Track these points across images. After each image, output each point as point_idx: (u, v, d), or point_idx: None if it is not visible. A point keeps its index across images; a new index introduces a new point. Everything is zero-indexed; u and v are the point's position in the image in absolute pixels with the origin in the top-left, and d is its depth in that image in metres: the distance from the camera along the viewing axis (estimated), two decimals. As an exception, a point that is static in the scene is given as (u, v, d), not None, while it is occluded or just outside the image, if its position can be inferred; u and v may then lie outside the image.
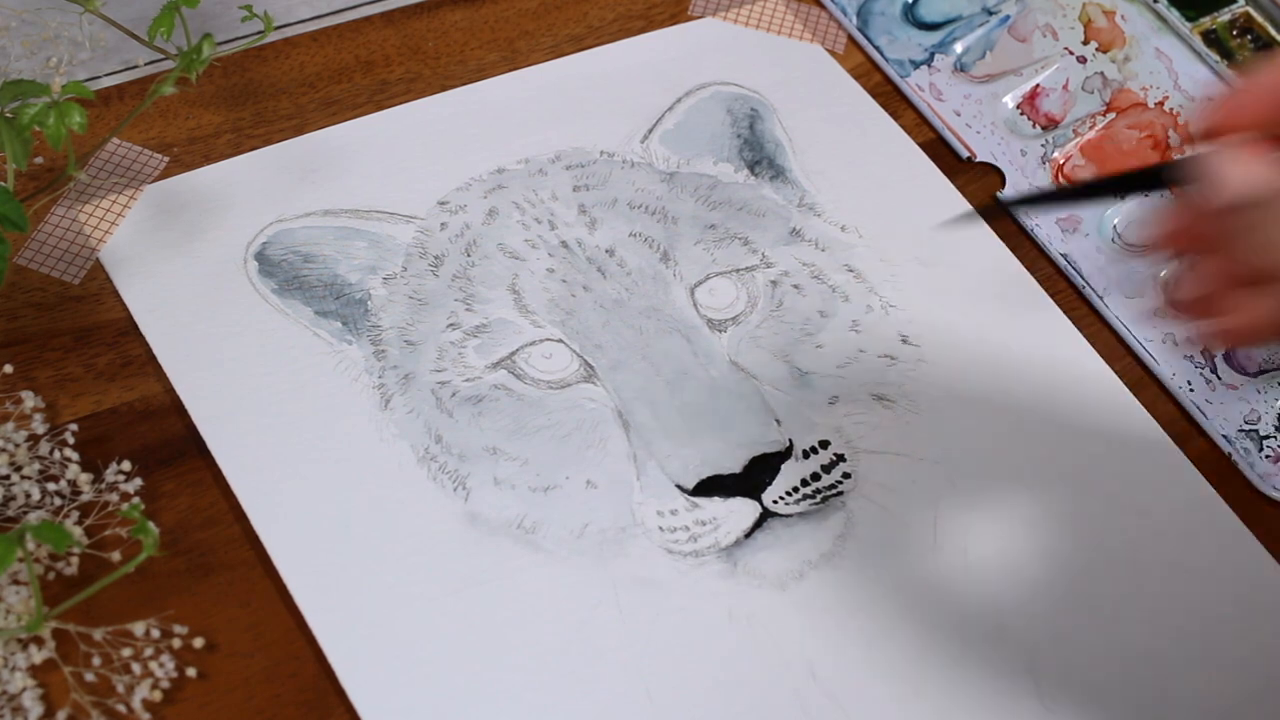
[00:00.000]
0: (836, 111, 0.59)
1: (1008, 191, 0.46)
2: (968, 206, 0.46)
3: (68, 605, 0.41)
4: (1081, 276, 0.56)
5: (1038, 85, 0.61)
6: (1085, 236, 0.57)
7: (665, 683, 0.43)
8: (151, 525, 0.41)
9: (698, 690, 0.44)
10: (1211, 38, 0.63)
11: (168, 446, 0.47)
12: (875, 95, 0.60)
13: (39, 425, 0.46)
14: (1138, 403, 0.52)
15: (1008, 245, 0.56)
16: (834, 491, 0.48)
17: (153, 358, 0.48)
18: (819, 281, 0.53)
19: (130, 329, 0.49)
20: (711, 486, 0.47)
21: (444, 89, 0.57)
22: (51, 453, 0.46)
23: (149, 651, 0.42)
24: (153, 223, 0.52)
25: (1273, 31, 0.63)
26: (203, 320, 0.49)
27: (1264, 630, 0.47)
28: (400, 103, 0.57)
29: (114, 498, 0.45)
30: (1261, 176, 0.40)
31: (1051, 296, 0.55)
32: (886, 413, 0.50)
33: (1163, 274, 0.53)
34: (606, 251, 0.52)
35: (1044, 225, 0.57)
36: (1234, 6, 0.64)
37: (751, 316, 0.52)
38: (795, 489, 0.48)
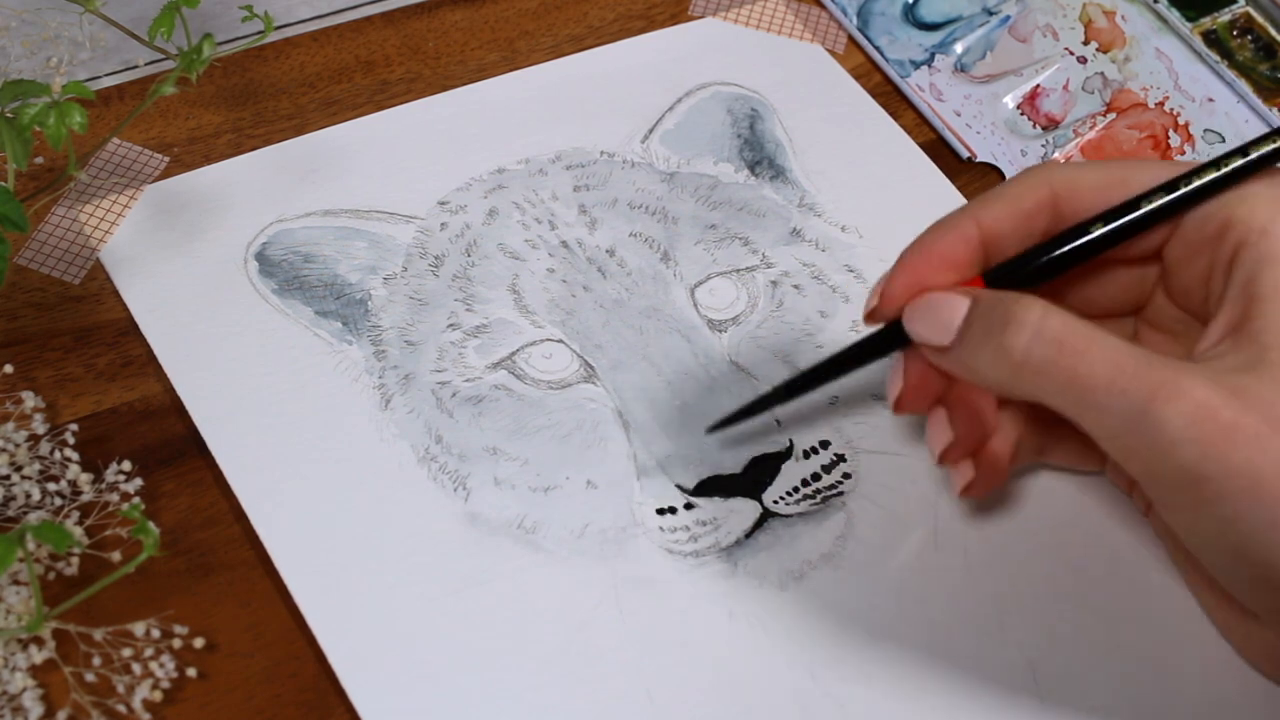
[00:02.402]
0: (837, 111, 0.59)
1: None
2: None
3: (68, 605, 0.41)
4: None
5: (1038, 85, 0.61)
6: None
7: (665, 683, 0.43)
8: (152, 525, 0.41)
9: (698, 690, 0.44)
10: (1212, 38, 0.63)
11: (168, 446, 0.47)
12: (875, 95, 0.60)
13: (39, 425, 0.46)
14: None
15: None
16: (834, 492, 0.48)
17: (153, 358, 0.49)
18: (819, 282, 0.53)
19: (130, 329, 0.49)
20: (711, 486, 0.47)
21: (444, 89, 0.57)
22: (52, 453, 0.46)
23: (149, 651, 0.42)
24: (153, 223, 0.52)
25: (1273, 31, 0.63)
26: (203, 320, 0.49)
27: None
28: (400, 103, 0.57)
29: (114, 498, 0.45)
30: (956, 313, 0.42)
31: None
32: (887, 412, 0.50)
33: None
34: (607, 251, 0.52)
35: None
36: (1234, 6, 0.64)
37: (752, 317, 0.52)
38: (795, 489, 0.48)
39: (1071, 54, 0.62)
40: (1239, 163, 0.42)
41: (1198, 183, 0.42)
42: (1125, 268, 0.46)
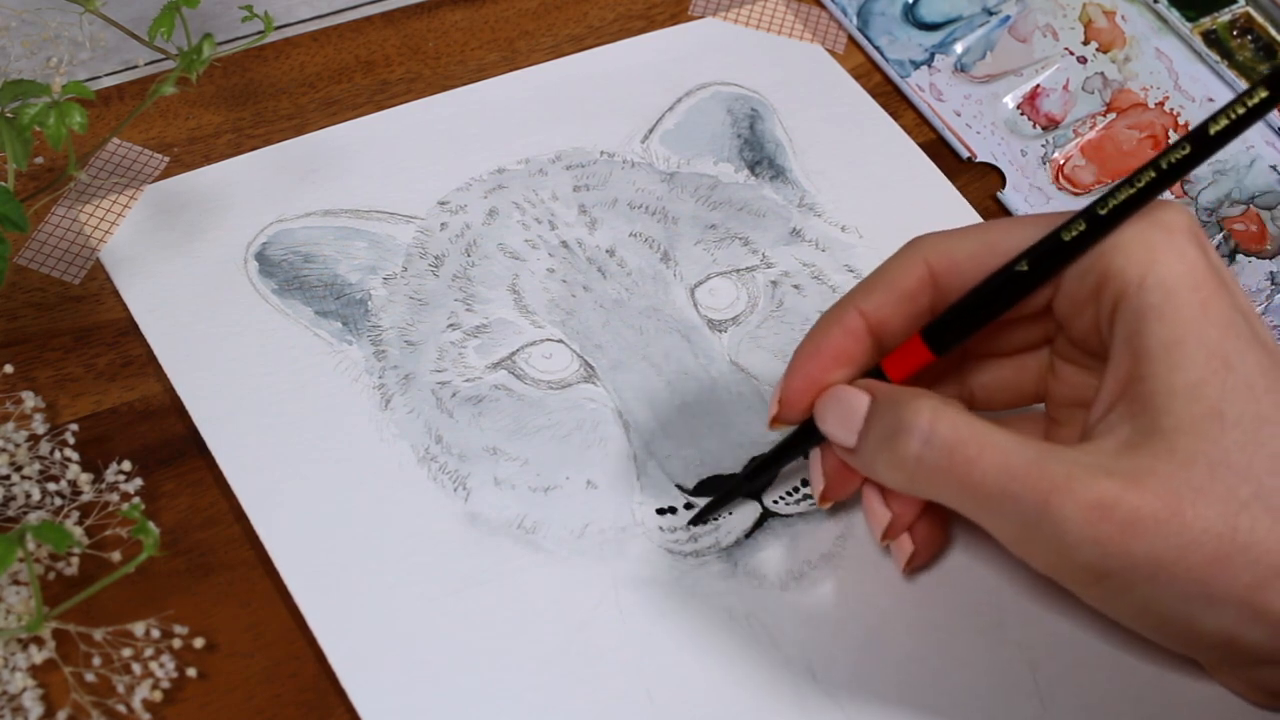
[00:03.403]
0: (837, 111, 0.59)
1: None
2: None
3: (68, 605, 0.41)
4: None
5: (1038, 85, 0.61)
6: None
7: (665, 683, 0.43)
8: (152, 525, 0.41)
9: (698, 690, 0.44)
10: (1212, 38, 0.63)
11: (168, 446, 0.47)
12: (875, 95, 0.60)
13: (39, 425, 0.46)
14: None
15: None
16: (834, 491, 0.48)
17: (153, 358, 0.49)
18: (819, 282, 0.53)
19: (130, 329, 0.49)
20: (711, 486, 0.47)
21: (444, 89, 0.57)
22: (52, 453, 0.46)
23: (149, 651, 0.42)
24: (153, 223, 0.52)
25: (1273, 32, 0.63)
26: (203, 320, 0.49)
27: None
28: (400, 103, 0.57)
29: (114, 498, 0.45)
30: (860, 408, 0.41)
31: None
32: (887, 413, 0.50)
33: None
34: (607, 251, 0.52)
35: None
36: (1234, 6, 0.64)
37: (752, 317, 0.52)
38: (796, 489, 0.48)
39: (1071, 54, 0.62)
40: (1104, 211, 0.40)
41: (1069, 237, 0.40)
42: (1024, 331, 0.44)
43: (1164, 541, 0.37)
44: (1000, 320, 0.42)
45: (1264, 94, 0.39)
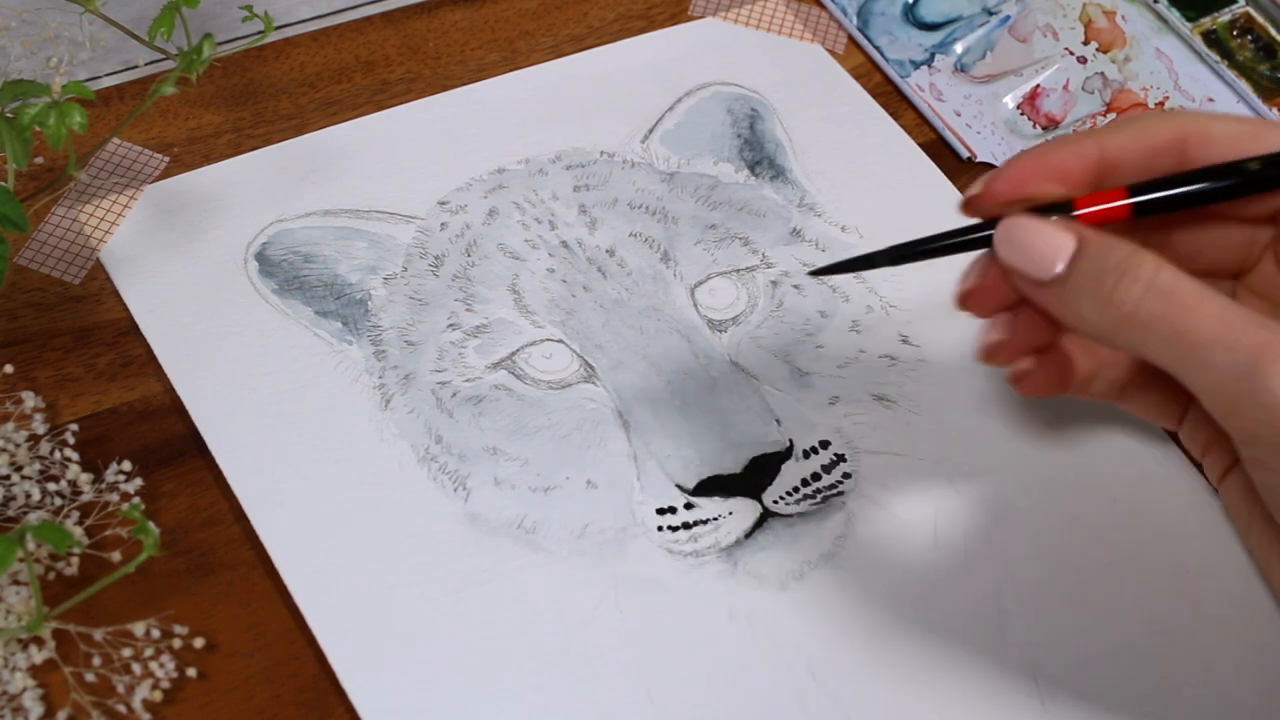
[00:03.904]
0: (837, 111, 0.59)
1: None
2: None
3: (68, 605, 0.41)
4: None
5: (1038, 85, 0.61)
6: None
7: (665, 683, 0.43)
8: (152, 525, 0.41)
9: (698, 690, 0.44)
10: (1212, 38, 0.63)
11: (168, 446, 0.47)
12: (875, 95, 0.60)
13: (39, 425, 0.46)
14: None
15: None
16: (834, 491, 0.48)
17: (153, 358, 0.49)
18: (819, 281, 0.53)
19: (130, 329, 0.49)
20: (712, 486, 0.47)
21: (444, 89, 0.57)
22: (52, 453, 0.46)
23: (149, 651, 0.42)
24: (153, 223, 0.52)
25: (1273, 31, 0.63)
26: (203, 320, 0.49)
27: (1265, 630, 0.47)
28: (400, 103, 0.57)
29: (114, 498, 0.45)
30: (1062, 251, 0.41)
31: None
32: (887, 413, 0.50)
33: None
34: (607, 251, 0.52)
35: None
36: (1234, 6, 0.64)
37: (752, 317, 0.52)
38: (796, 489, 0.48)
39: (1071, 54, 0.62)
40: None
41: None
42: (1237, 226, 0.44)
43: None
44: (1217, 216, 0.42)
45: None
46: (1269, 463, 0.40)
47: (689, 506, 0.47)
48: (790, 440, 0.48)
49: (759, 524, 0.47)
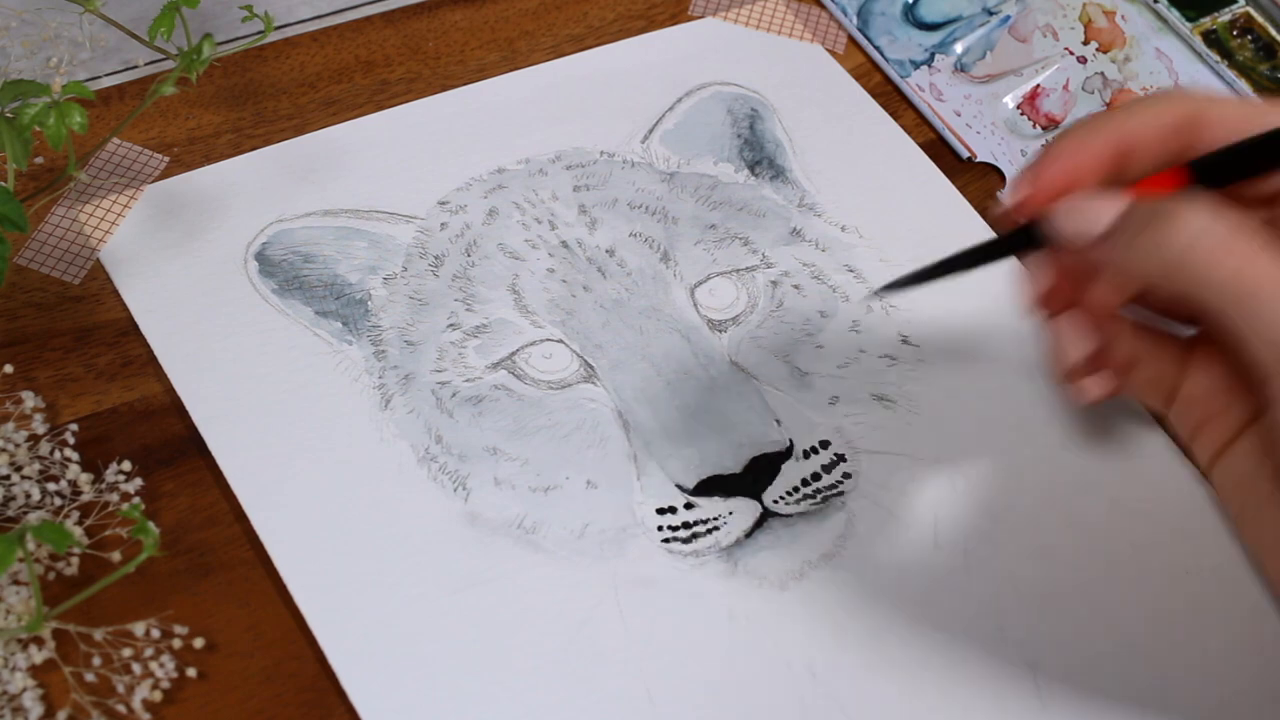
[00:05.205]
0: (836, 111, 0.59)
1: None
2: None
3: (68, 605, 0.41)
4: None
5: (1038, 85, 0.61)
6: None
7: (665, 683, 0.43)
8: (151, 525, 0.41)
9: (698, 690, 0.44)
10: (1211, 38, 0.63)
11: (168, 446, 0.47)
12: (875, 95, 0.60)
13: (39, 425, 0.46)
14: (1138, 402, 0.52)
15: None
16: (834, 491, 0.48)
17: (153, 358, 0.49)
18: (819, 282, 0.53)
19: (130, 329, 0.49)
20: (712, 486, 0.47)
21: (444, 89, 0.57)
22: (52, 453, 0.46)
23: (149, 651, 0.42)
24: (153, 223, 0.52)
25: (1273, 31, 0.63)
26: (203, 320, 0.49)
27: (1265, 631, 0.47)
28: (400, 103, 0.57)
29: (114, 498, 0.45)
30: (1113, 207, 0.41)
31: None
32: (887, 413, 0.50)
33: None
34: (607, 251, 0.52)
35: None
36: (1234, 6, 0.64)
37: (752, 317, 0.52)
38: (796, 489, 0.48)
39: (1071, 54, 0.62)
40: None
41: None
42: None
43: None
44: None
45: None
46: None
47: (689, 506, 0.47)
48: (790, 440, 0.48)
49: (759, 524, 0.47)
